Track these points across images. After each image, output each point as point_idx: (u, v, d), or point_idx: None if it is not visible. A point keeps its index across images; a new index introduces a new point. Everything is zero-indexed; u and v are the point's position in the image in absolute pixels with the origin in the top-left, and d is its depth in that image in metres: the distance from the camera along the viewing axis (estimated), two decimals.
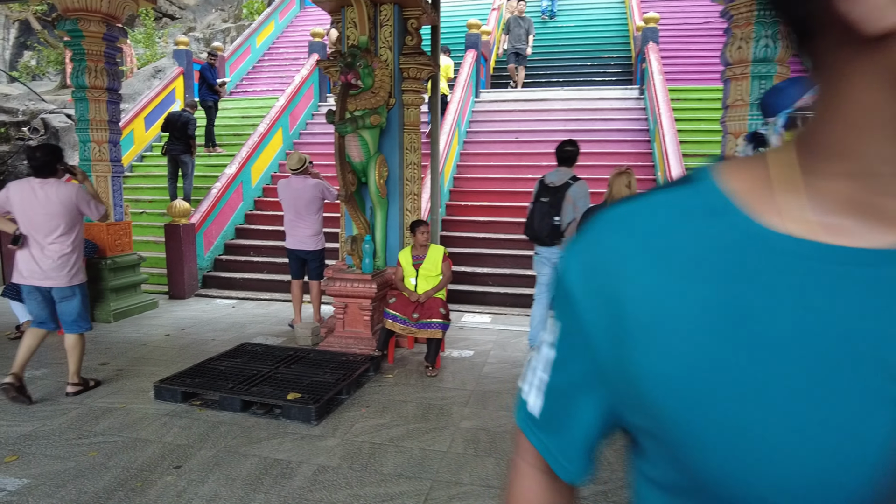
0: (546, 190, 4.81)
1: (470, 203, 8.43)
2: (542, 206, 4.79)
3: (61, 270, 3.97)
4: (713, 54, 11.69)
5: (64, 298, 4.05)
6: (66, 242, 3.99)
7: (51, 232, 3.93)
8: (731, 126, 4.86)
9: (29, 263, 3.95)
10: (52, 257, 3.94)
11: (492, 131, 9.96)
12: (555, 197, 4.72)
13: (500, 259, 7.49)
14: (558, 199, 4.70)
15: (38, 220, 3.91)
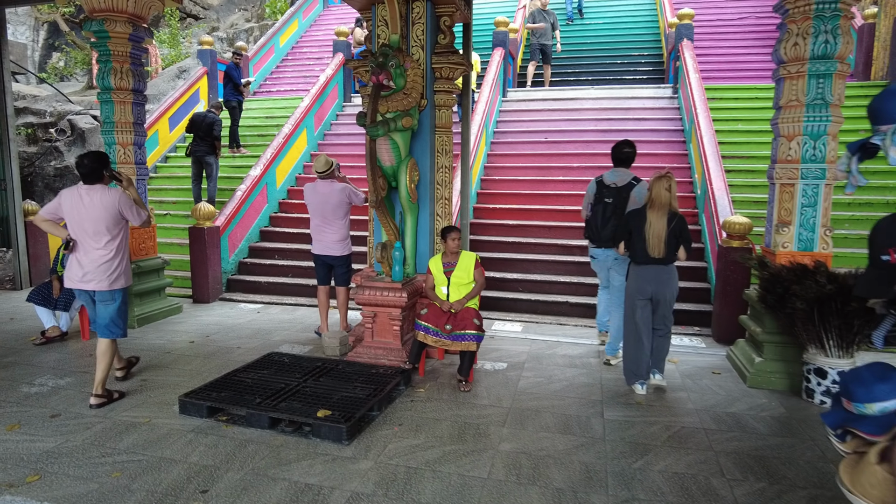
0: (608, 190, 4.84)
1: (498, 206, 8.20)
2: (607, 207, 4.82)
3: (103, 274, 4.06)
4: (747, 52, 11.32)
5: (103, 301, 4.13)
6: (111, 247, 4.08)
7: (96, 236, 4.03)
8: (784, 128, 4.56)
9: (74, 268, 4.08)
10: (97, 261, 4.04)
11: (520, 131, 9.72)
12: (619, 197, 4.77)
13: (529, 264, 7.25)
14: (623, 200, 4.75)
15: (84, 226, 4.02)
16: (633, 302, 4.29)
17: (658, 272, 4.20)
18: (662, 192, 4.16)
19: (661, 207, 4.14)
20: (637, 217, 4.24)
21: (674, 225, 4.12)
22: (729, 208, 6.46)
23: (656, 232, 4.11)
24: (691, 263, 6.90)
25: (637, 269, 4.28)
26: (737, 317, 5.68)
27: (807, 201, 4.51)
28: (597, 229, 4.89)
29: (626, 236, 4.30)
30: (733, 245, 5.72)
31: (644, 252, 4.16)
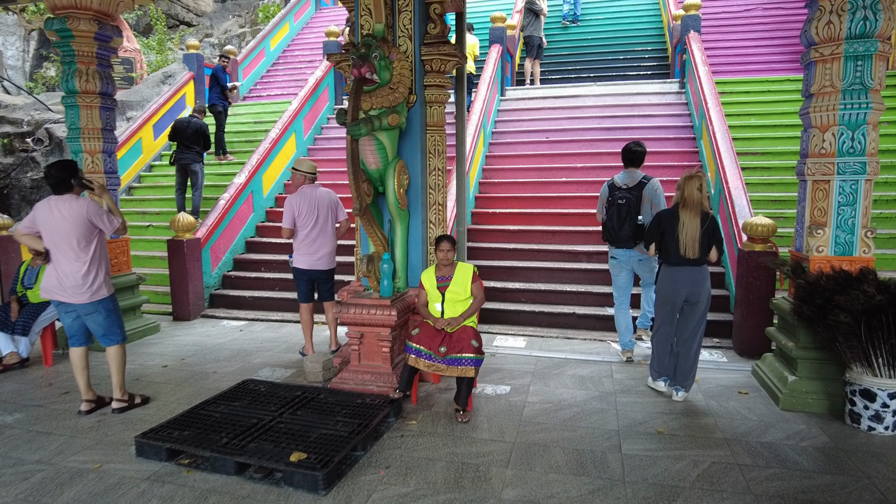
0: (620, 192, 4.88)
1: (498, 210, 7.70)
2: (621, 207, 4.85)
3: (81, 287, 3.95)
4: (755, 44, 10.84)
5: (88, 314, 4.04)
6: (84, 259, 3.94)
7: (69, 250, 3.92)
8: (816, 118, 4.06)
9: (51, 279, 3.97)
10: (72, 275, 3.92)
11: (520, 131, 9.23)
12: (633, 196, 4.81)
13: (533, 273, 6.75)
14: (636, 199, 4.80)
15: (56, 238, 3.93)
16: (669, 304, 4.17)
17: (692, 273, 4.08)
18: (695, 191, 4.01)
19: (693, 207, 4.01)
20: (669, 218, 4.10)
21: (707, 225, 4.00)
22: (747, 208, 5.96)
23: (690, 233, 3.98)
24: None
25: (670, 271, 4.14)
26: (761, 327, 5.18)
27: (844, 199, 4.00)
28: (614, 231, 4.89)
29: (659, 237, 4.16)
30: (756, 249, 5.22)
31: (677, 253, 4.03)
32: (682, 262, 4.06)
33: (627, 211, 4.79)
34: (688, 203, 4.03)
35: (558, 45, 12.43)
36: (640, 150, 4.91)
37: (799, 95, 9.10)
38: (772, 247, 5.22)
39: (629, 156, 4.92)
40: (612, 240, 4.95)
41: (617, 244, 4.96)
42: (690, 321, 4.16)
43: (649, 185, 4.80)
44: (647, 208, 4.81)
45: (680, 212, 4.05)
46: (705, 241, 4.00)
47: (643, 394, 4.41)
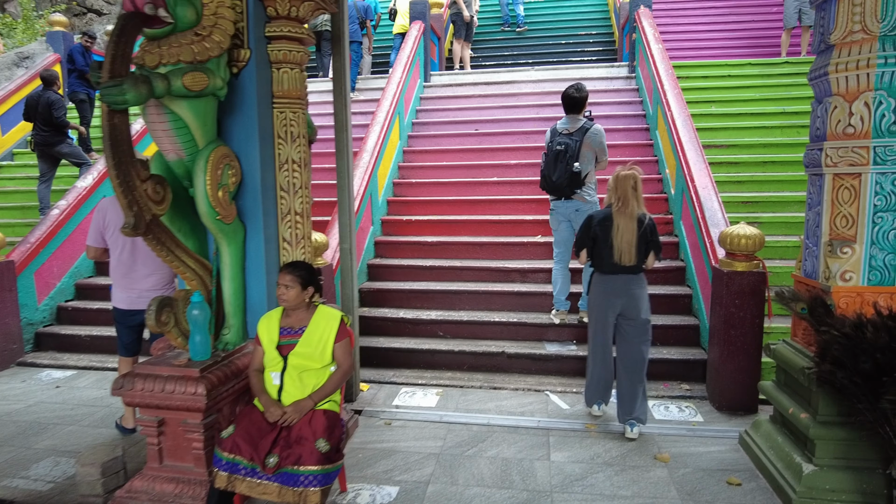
0: (560, 137, 4.65)
1: (415, 217, 6.20)
2: (559, 153, 4.58)
3: None
4: (709, 28, 9.81)
5: None
6: None
7: None
8: (838, 82, 2.73)
9: None
10: None
11: (446, 122, 7.75)
12: (572, 142, 4.57)
13: (454, 297, 5.27)
14: (576, 144, 4.56)
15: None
16: (603, 319, 3.69)
17: (628, 282, 3.62)
18: (629, 191, 3.56)
19: (629, 209, 3.56)
20: (602, 221, 3.63)
21: (644, 228, 3.56)
22: (720, 213, 4.66)
23: (626, 237, 3.54)
24: (668, 290, 5.06)
25: (604, 279, 3.68)
26: (746, 372, 3.88)
27: (884, 202, 2.67)
28: (549, 179, 4.65)
29: (590, 243, 3.71)
30: (737, 268, 3.89)
31: (611, 260, 3.59)
32: (617, 270, 3.60)
33: (564, 157, 4.54)
34: (623, 204, 3.55)
35: (493, 27, 11.07)
36: (579, 95, 4.64)
37: (764, 81, 8.07)
38: (758, 265, 3.90)
39: (569, 101, 4.66)
40: (548, 188, 4.71)
41: (552, 193, 4.72)
42: (633, 343, 3.64)
43: (591, 131, 4.59)
44: (589, 156, 4.59)
45: (614, 214, 3.58)
46: (642, 247, 3.56)
47: (591, 488, 2.98)
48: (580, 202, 4.64)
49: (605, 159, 4.74)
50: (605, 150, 4.67)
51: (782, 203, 5.71)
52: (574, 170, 4.52)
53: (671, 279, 5.19)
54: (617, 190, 3.57)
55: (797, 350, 3.01)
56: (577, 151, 4.54)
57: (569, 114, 4.70)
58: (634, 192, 3.55)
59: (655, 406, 4.05)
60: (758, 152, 6.42)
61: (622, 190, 3.54)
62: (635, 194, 3.56)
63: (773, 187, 5.96)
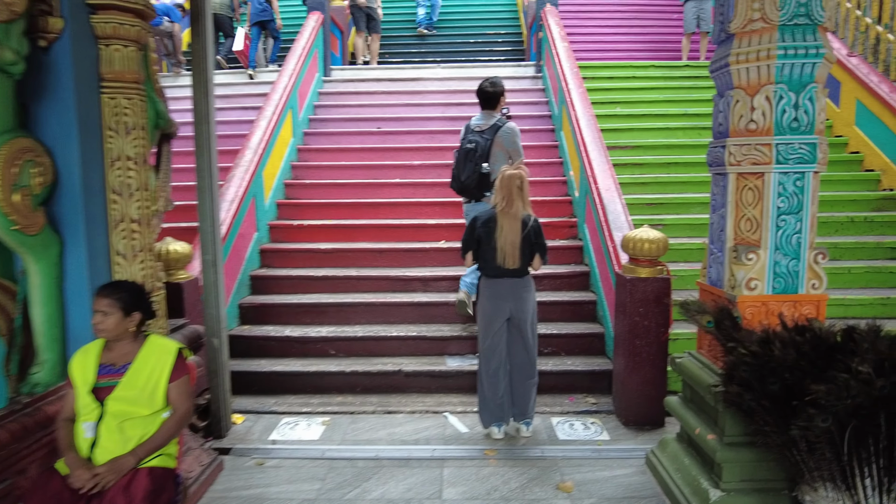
0: (472, 134, 4.39)
1: (308, 222, 5.66)
2: (469, 152, 4.32)
3: None
4: (615, 30, 9.90)
5: None
6: None
7: None
8: (739, 73, 2.52)
9: None
10: None
11: (346, 119, 7.24)
12: (483, 140, 4.30)
13: (349, 311, 4.79)
14: (487, 143, 4.29)
15: None
16: (490, 325, 3.50)
17: (514, 286, 3.48)
18: (514, 190, 3.39)
19: (513, 209, 3.39)
20: (486, 223, 3.46)
21: (528, 230, 3.41)
22: (624, 216, 4.47)
23: (510, 238, 3.38)
24: (573, 296, 4.84)
25: (490, 283, 3.52)
26: (654, 384, 3.69)
27: (787, 204, 2.48)
28: (457, 178, 4.39)
29: (475, 245, 3.51)
30: (641, 274, 3.68)
31: (495, 263, 3.42)
32: (502, 274, 3.44)
33: (473, 156, 4.26)
34: (508, 204, 3.37)
35: (400, 24, 10.67)
36: (493, 89, 4.36)
37: (667, 83, 8.11)
38: (663, 271, 3.71)
39: (483, 97, 4.40)
40: (457, 189, 4.46)
41: (462, 194, 4.46)
42: (521, 347, 3.52)
43: (503, 129, 4.28)
44: (501, 156, 4.26)
45: (498, 215, 3.40)
46: (526, 249, 3.40)
47: None
48: (489, 205, 4.27)
49: (520, 161, 4.32)
50: (519, 151, 4.35)
51: (686, 205, 5.66)
52: (483, 170, 4.24)
53: (575, 285, 4.98)
54: (502, 189, 3.37)
55: (703, 364, 2.78)
56: (488, 151, 4.26)
57: (484, 109, 4.44)
58: (520, 192, 3.37)
59: (560, 424, 3.77)
60: (662, 153, 6.38)
61: (507, 189, 3.35)
62: (521, 194, 3.37)
63: (677, 189, 5.91)
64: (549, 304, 4.68)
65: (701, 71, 7.86)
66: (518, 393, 3.56)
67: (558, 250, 5.24)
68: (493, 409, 3.53)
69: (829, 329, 2.09)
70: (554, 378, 4.20)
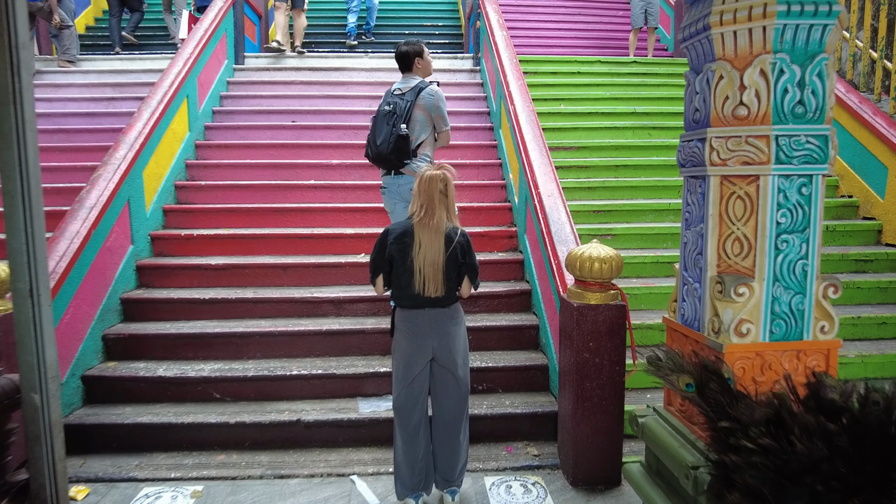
0: (391, 97, 3.85)
1: (200, 231, 4.73)
2: (386, 114, 3.77)
3: None
4: (558, 26, 9.36)
5: None
6: None
7: None
8: (722, 39, 1.84)
9: None
10: None
11: (258, 111, 6.31)
12: (403, 102, 3.76)
13: (243, 344, 3.91)
14: (406, 104, 3.75)
15: None
16: (408, 370, 2.73)
17: (438, 318, 2.71)
18: (437, 196, 2.67)
19: (435, 220, 2.65)
20: (400, 237, 2.69)
21: (454, 247, 2.67)
22: (569, 227, 3.79)
23: (430, 257, 2.64)
24: (512, 319, 4.13)
25: (407, 316, 2.73)
26: (603, 434, 3.02)
27: (789, 219, 1.81)
28: (373, 144, 3.82)
29: (387, 267, 2.75)
30: (590, 301, 2.98)
31: (412, 290, 2.66)
32: (422, 303, 2.70)
33: (391, 118, 3.76)
34: (426, 214, 2.66)
35: (328, 12, 9.80)
36: (409, 48, 3.93)
37: (614, 80, 7.51)
38: (617, 296, 3.03)
39: (400, 57, 3.98)
40: (372, 156, 3.89)
41: (379, 163, 3.90)
42: (448, 395, 2.78)
43: (426, 91, 3.82)
44: (423, 121, 3.81)
45: (415, 227, 2.68)
46: (452, 271, 2.70)
47: None
48: (412, 178, 3.74)
49: (446, 130, 3.95)
50: (444, 118, 3.89)
51: (637, 212, 5.06)
52: (401, 132, 3.70)
53: (515, 305, 4.27)
54: (420, 195, 2.67)
55: (675, 430, 2.09)
56: (408, 112, 3.77)
57: (403, 73, 4.02)
58: (444, 197, 2.69)
59: (495, 487, 3.03)
60: (609, 155, 5.79)
61: (427, 195, 2.66)
62: (445, 201, 2.69)
63: (627, 194, 5.31)
64: (484, 329, 3.95)
65: (649, 67, 7.38)
66: (443, 455, 2.81)
67: (496, 265, 4.53)
68: (410, 478, 2.76)
69: (875, 411, 1.41)
70: (489, 423, 3.47)
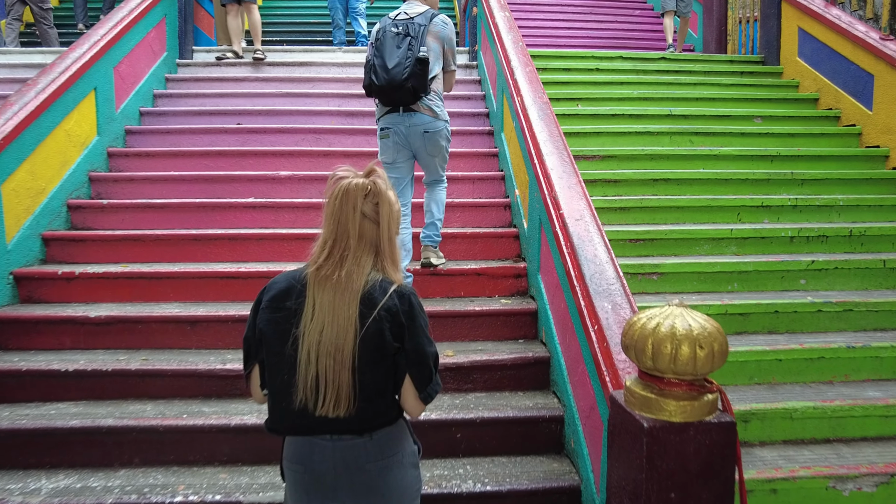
0: (398, 22, 3.22)
1: (89, 269, 3.41)
2: (397, 35, 3.15)
3: None
4: (568, 16, 8.17)
5: None
6: None
7: None
8: None
9: None
10: None
11: (198, 112, 5.01)
12: (416, 25, 3.18)
13: (115, 446, 2.56)
14: (419, 28, 3.18)
15: None
16: None
17: (348, 459, 1.46)
18: (353, 223, 1.45)
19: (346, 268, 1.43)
20: (280, 298, 1.48)
21: (378, 318, 1.42)
22: (611, 271, 2.44)
23: (330, 339, 1.41)
24: (519, 407, 2.77)
25: (291, 451, 1.52)
26: None
27: None
28: (382, 69, 3.06)
29: (261, 355, 1.50)
30: (672, 415, 1.61)
31: (291, 401, 1.43)
32: (313, 428, 1.45)
33: (404, 40, 3.09)
34: (331, 255, 1.44)
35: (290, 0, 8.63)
36: None
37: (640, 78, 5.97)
38: (716, 403, 1.68)
39: None
40: (378, 87, 3.10)
41: (385, 96, 3.14)
42: None
43: (439, 18, 3.30)
44: (436, 51, 3.26)
45: (309, 281, 1.44)
46: (372, 367, 1.42)
47: None
48: (427, 117, 3.19)
49: (454, 70, 3.49)
50: (454, 53, 3.44)
51: (687, 241, 3.75)
52: (420, 54, 3.08)
53: (527, 381, 2.91)
54: (327, 221, 1.49)
55: None
56: (422, 37, 3.16)
57: None
58: (371, 226, 1.47)
59: None
60: (644, 166, 4.49)
61: (336, 221, 1.46)
62: (372, 233, 1.48)
63: (671, 217, 4.00)
64: (479, 424, 2.61)
65: (681, 64, 6.11)
66: None
67: (497, 317, 3.20)
68: None
69: None
70: None
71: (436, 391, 1.51)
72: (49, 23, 6.66)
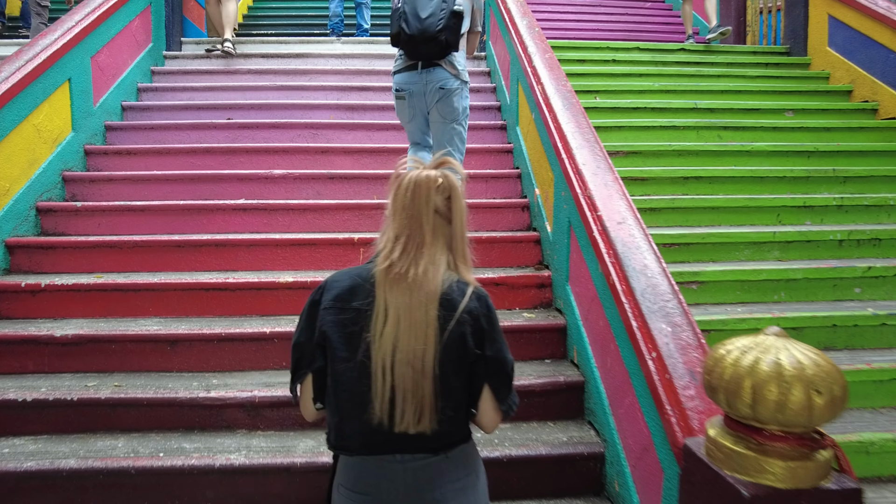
0: None
1: (58, 281, 3.02)
2: None
3: None
4: (577, 9, 7.82)
5: None
6: None
7: None
8: None
9: None
10: None
11: (186, 107, 4.62)
12: None
13: (74, 490, 2.18)
14: None
15: None
16: None
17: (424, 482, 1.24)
18: (426, 218, 1.25)
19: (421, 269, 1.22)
20: (345, 298, 1.26)
21: (462, 323, 1.22)
22: (666, 283, 2.06)
23: (408, 347, 1.19)
24: (552, 442, 2.39)
25: (355, 473, 1.26)
26: None
27: None
28: (410, 19, 2.84)
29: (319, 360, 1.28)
30: (777, 478, 1.24)
31: (366, 417, 1.21)
32: (388, 446, 1.23)
33: None
34: (406, 253, 1.22)
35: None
36: None
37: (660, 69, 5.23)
38: (831, 462, 1.30)
39: None
40: (409, 34, 2.84)
41: (412, 49, 2.92)
42: None
43: None
44: (466, 6, 3.06)
45: (377, 281, 1.24)
46: (456, 376, 1.23)
47: None
48: (446, 72, 2.98)
49: (479, 30, 3.37)
50: (482, 13, 3.35)
51: (726, 246, 3.37)
52: (455, 6, 2.85)
53: (557, 410, 2.52)
54: (396, 215, 1.26)
55: None
56: None
57: None
58: (444, 224, 1.27)
59: None
60: (671, 163, 4.11)
61: (409, 215, 1.24)
62: (445, 231, 1.27)
63: (706, 218, 3.62)
64: (505, 463, 2.23)
65: (702, 56, 5.77)
66: None
67: (519, 334, 2.81)
68: None
69: None
70: None
71: (516, 403, 1.33)
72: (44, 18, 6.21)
